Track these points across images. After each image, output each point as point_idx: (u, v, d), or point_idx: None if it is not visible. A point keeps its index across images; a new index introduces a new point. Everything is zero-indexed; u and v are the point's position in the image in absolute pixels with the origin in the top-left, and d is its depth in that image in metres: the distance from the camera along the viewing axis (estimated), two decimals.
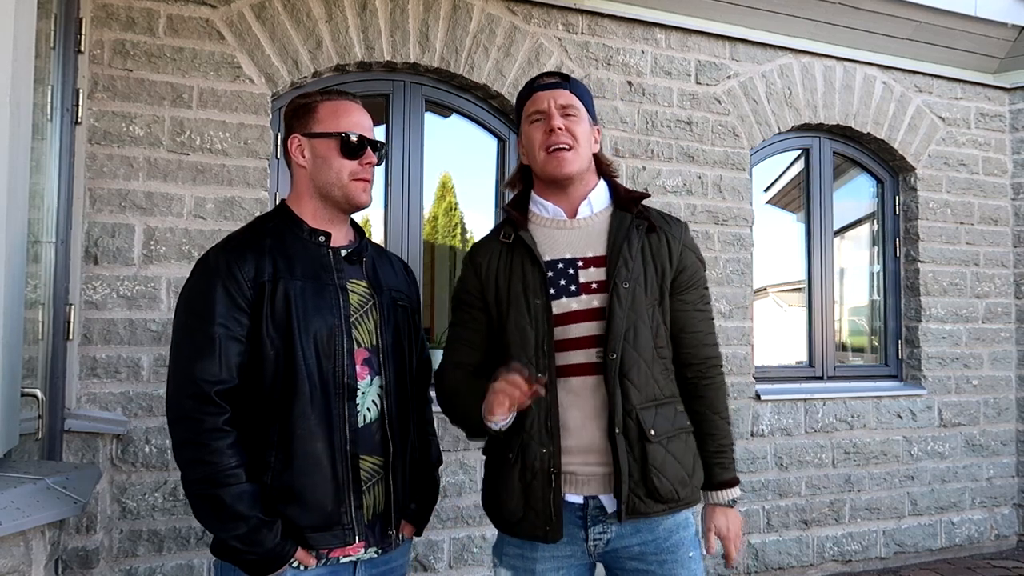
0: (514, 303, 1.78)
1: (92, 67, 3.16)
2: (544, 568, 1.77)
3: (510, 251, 1.83)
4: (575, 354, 1.75)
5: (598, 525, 1.76)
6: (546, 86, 1.84)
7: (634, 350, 1.74)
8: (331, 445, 1.64)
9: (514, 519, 1.76)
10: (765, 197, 4.83)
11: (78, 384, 3.09)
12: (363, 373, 1.71)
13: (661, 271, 1.81)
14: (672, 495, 1.74)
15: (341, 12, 3.56)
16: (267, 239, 1.71)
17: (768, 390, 4.38)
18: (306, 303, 1.66)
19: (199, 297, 1.65)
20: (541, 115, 1.81)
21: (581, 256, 1.80)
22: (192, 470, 1.59)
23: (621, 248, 1.78)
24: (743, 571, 4.25)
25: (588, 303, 1.76)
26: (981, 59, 4.97)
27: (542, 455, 1.72)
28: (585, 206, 1.85)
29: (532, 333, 1.75)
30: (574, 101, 1.83)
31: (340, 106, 1.77)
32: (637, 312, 1.75)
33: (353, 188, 1.74)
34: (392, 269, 1.89)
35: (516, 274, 1.80)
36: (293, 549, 1.61)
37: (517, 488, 1.74)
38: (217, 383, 1.59)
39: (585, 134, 1.83)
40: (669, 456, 1.74)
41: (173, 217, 3.26)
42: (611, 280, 1.75)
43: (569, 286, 1.78)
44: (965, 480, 4.86)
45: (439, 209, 4.17)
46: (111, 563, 3.09)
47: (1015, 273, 5.09)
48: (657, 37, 4.23)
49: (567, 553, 1.77)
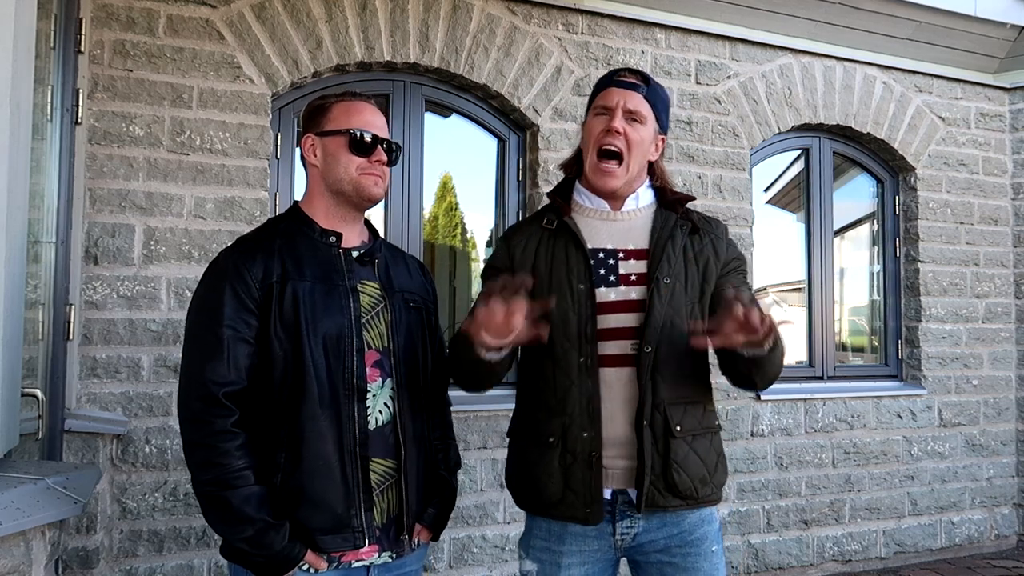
0: (556, 287, 1.78)
1: (92, 67, 3.16)
2: (571, 562, 1.77)
3: (552, 237, 1.83)
4: (610, 344, 1.76)
5: (626, 520, 1.77)
6: (622, 84, 1.83)
7: (668, 345, 1.74)
8: (340, 447, 1.63)
9: (554, 500, 1.76)
10: (765, 197, 4.83)
11: (78, 384, 3.09)
12: (374, 375, 1.70)
13: (703, 270, 1.82)
14: (691, 492, 1.74)
15: (341, 12, 3.56)
16: (277, 240, 1.71)
17: (768, 390, 4.35)
18: (315, 304, 1.65)
19: (208, 299, 1.65)
20: (606, 111, 1.81)
21: (622, 248, 1.81)
22: (201, 472, 1.59)
23: (665, 244, 1.79)
24: (743, 571, 4.25)
25: (626, 294, 1.78)
26: (981, 59, 4.97)
27: (583, 439, 1.73)
28: (631, 200, 1.86)
29: (575, 318, 1.75)
30: (643, 108, 1.81)
31: (352, 105, 1.77)
32: (675, 308, 1.76)
33: (363, 181, 1.74)
34: (407, 270, 1.88)
35: (559, 259, 1.80)
36: (303, 552, 1.60)
37: (557, 471, 1.75)
38: (226, 385, 1.58)
39: (642, 142, 1.82)
40: (692, 453, 1.75)
41: (173, 217, 3.26)
42: (652, 273, 1.76)
43: (608, 276, 1.79)
44: (965, 480, 4.86)
45: (439, 209, 4.17)
46: (111, 563, 3.09)
47: (1015, 273, 5.09)
48: (657, 37, 4.23)
49: (594, 547, 1.78)
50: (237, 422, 1.59)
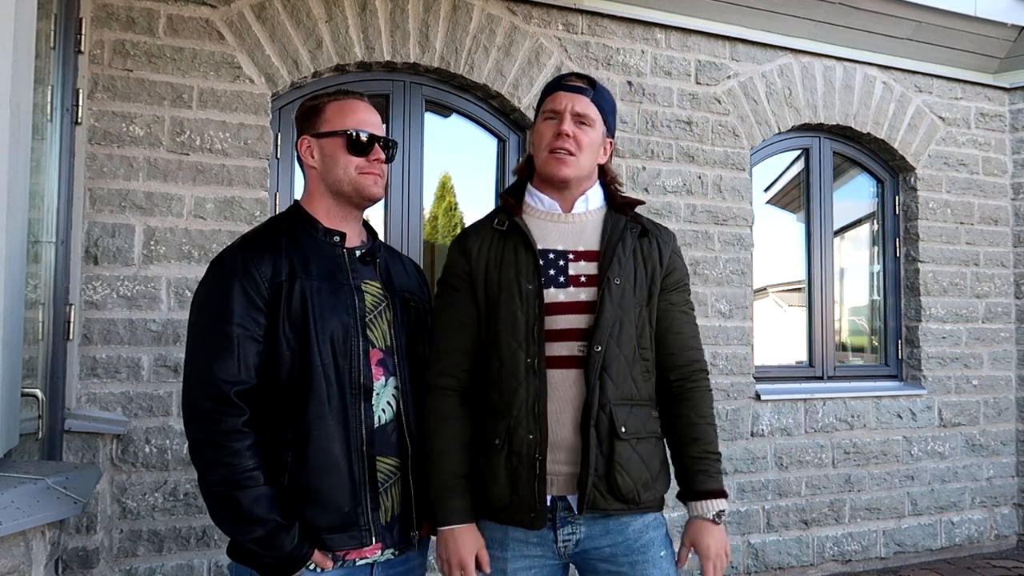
0: (506, 288, 1.77)
1: (92, 67, 3.16)
2: (516, 567, 1.76)
3: (503, 238, 1.83)
4: (558, 346, 1.75)
5: (567, 526, 1.75)
6: (569, 88, 1.84)
7: (617, 346, 1.74)
8: (347, 446, 1.63)
9: (500, 505, 1.74)
10: (765, 197, 4.83)
11: (78, 384, 3.09)
12: (378, 374, 1.71)
13: (651, 273, 1.82)
14: (633, 495, 1.72)
15: (341, 12, 3.56)
16: (283, 238, 1.71)
17: (768, 390, 4.38)
18: (322, 303, 1.65)
19: (216, 296, 1.63)
20: (555, 115, 1.82)
21: (572, 249, 1.81)
22: (210, 472, 1.57)
23: (616, 245, 1.80)
24: (743, 571, 4.25)
25: (575, 295, 1.77)
26: (981, 59, 4.97)
27: (529, 441, 1.71)
28: (581, 202, 1.86)
29: (523, 318, 1.74)
30: (591, 111, 1.82)
31: (347, 105, 1.77)
32: (624, 309, 1.76)
33: (362, 180, 1.75)
34: (404, 270, 1.89)
35: (508, 260, 1.80)
36: (310, 552, 1.60)
37: (503, 474, 1.73)
38: (236, 383, 1.57)
39: (592, 144, 1.83)
40: (636, 456, 1.74)
41: (173, 217, 3.26)
42: (603, 274, 1.76)
43: (558, 277, 1.78)
44: (965, 480, 4.86)
45: (439, 209, 4.17)
46: (111, 563, 3.09)
47: (1015, 273, 5.09)
48: (657, 37, 4.23)
49: (537, 553, 1.76)
50: (247, 422, 1.58)
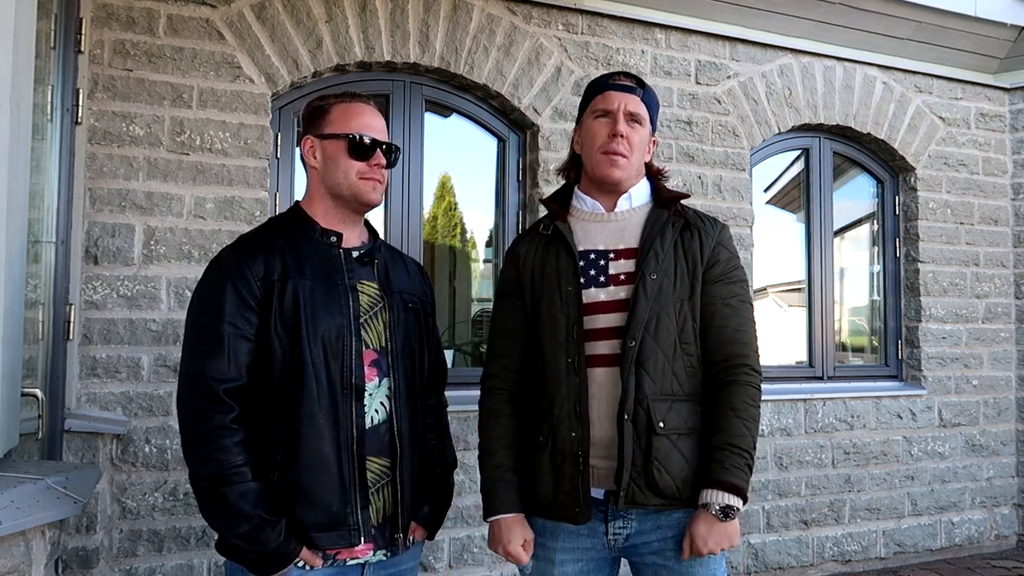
0: (547, 291, 1.83)
1: (92, 67, 3.16)
2: (564, 559, 1.79)
3: (548, 242, 1.87)
4: (599, 344, 1.77)
5: (619, 519, 1.77)
6: (620, 87, 1.85)
7: (654, 341, 1.74)
8: (338, 445, 1.64)
9: (546, 501, 1.78)
10: (765, 197, 4.83)
11: (78, 384, 3.09)
12: (371, 374, 1.71)
13: (693, 266, 1.81)
14: (673, 492, 1.72)
15: (341, 12, 3.56)
16: (279, 238, 1.73)
17: (768, 390, 4.35)
18: (315, 303, 1.66)
19: (209, 295, 1.66)
20: (607, 114, 1.83)
21: (613, 248, 1.83)
22: (200, 467, 1.60)
23: (653, 241, 1.80)
24: (743, 571, 4.25)
25: (615, 294, 1.79)
26: (981, 59, 4.97)
27: (571, 439, 1.74)
28: (624, 200, 1.88)
29: (563, 320, 1.78)
30: (641, 110, 1.85)
31: (352, 108, 1.78)
32: (662, 304, 1.76)
33: (361, 186, 1.75)
34: (406, 272, 1.89)
35: (550, 263, 1.84)
36: (298, 549, 1.61)
37: (548, 470, 1.77)
38: (226, 381, 1.60)
39: (642, 143, 1.86)
40: (676, 452, 1.73)
41: (173, 217, 3.26)
42: (639, 271, 1.77)
43: (599, 276, 1.81)
44: (965, 480, 4.86)
45: (439, 209, 4.17)
46: (111, 563, 3.09)
47: (1015, 273, 5.09)
48: (657, 37, 4.23)
49: (587, 545, 1.79)
50: (236, 418, 1.60)
